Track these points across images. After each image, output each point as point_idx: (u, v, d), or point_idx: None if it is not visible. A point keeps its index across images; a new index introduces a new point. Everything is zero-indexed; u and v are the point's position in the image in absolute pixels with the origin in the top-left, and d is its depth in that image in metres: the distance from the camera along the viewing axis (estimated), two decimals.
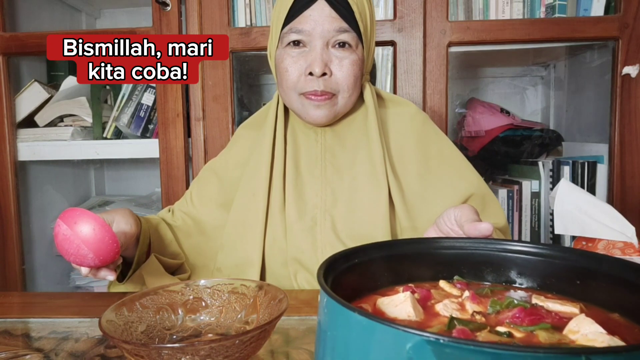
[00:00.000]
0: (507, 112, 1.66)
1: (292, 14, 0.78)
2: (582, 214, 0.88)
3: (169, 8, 1.34)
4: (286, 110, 0.87)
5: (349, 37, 0.77)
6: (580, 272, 0.43)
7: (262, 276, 0.82)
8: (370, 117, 0.83)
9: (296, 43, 0.79)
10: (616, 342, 0.32)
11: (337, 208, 0.81)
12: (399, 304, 0.40)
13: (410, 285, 0.46)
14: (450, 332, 0.35)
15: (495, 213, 0.84)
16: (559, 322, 0.36)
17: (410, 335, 0.27)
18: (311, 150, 0.85)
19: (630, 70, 1.26)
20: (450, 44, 1.30)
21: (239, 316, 0.57)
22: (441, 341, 0.26)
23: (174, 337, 0.55)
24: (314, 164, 0.84)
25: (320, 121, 0.81)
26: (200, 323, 0.57)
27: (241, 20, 1.37)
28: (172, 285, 0.58)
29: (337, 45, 0.78)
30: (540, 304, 0.41)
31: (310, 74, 0.77)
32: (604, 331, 0.33)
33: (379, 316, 0.31)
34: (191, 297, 0.58)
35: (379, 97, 0.88)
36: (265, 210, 0.82)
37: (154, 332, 0.54)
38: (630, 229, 0.86)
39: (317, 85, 0.77)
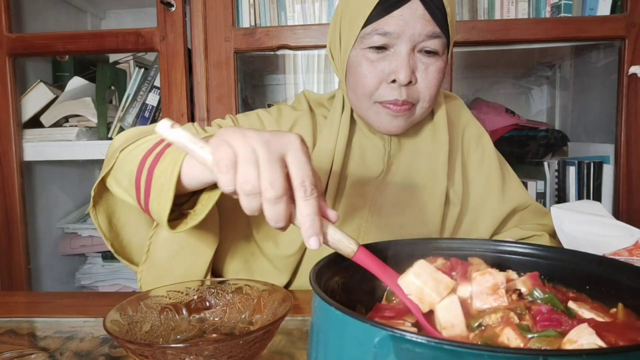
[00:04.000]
0: (512, 112, 1.65)
1: (378, 12, 0.68)
2: (585, 235, 0.88)
3: (173, 9, 1.34)
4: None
5: (439, 43, 0.70)
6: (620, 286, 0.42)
7: (289, 283, 0.80)
8: (441, 132, 0.79)
9: (379, 47, 0.70)
10: None
11: (383, 224, 0.77)
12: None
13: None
14: (418, 329, 0.38)
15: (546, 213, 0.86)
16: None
17: (378, 330, 0.28)
18: (376, 160, 0.79)
19: (637, 69, 1.25)
20: (455, 44, 1.29)
21: (243, 316, 0.57)
22: (406, 337, 0.27)
23: (178, 337, 0.55)
24: (375, 175, 0.79)
25: (395, 132, 0.74)
26: (204, 323, 0.57)
27: (245, 21, 1.38)
28: (176, 285, 0.58)
29: (423, 51, 0.70)
30: (576, 309, 0.40)
31: (393, 81, 0.70)
32: (601, 343, 0.33)
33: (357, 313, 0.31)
34: (195, 297, 0.58)
35: None
36: None
37: (158, 332, 0.54)
38: (636, 231, 0.86)
39: (398, 94, 0.70)
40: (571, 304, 0.41)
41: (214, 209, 0.70)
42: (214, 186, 0.58)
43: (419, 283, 0.40)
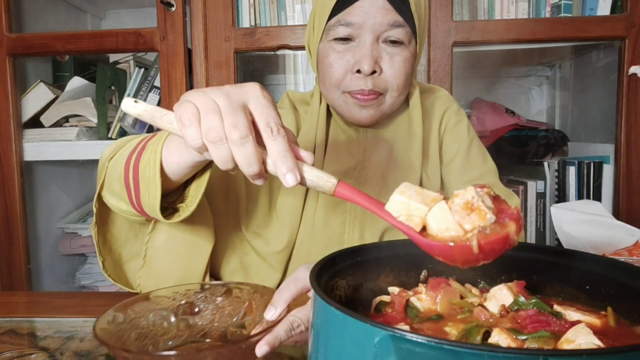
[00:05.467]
0: (512, 112, 1.65)
1: (341, 4, 0.71)
2: (585, 235, 0.87)
3: (173, 9, 1.34)
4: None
5: (402, 32, 0.71)
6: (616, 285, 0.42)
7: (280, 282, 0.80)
8: (415, 122, 0.79)
9: (343, 38, 0.72)
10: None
11: (368, 217, 0.77)
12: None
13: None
14: (416, 329, 0.37)
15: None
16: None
17: (378, 330, 0.28)
18: (352, 152, 0.80)
19: (637, 70, 1.25)
20: (455, 44, 1.30)
21: (235, 319, 0.56)
22: (407, 337, 0.27)
23: (170, 343, 0.54)
24: (352, 167, 0.80)
25: (365, 122, 0.75)
26: (193, 328, 0.56)
27: (245, 21, 1.38)
28: (163, 290, 0.57)
29: (388, 41, 0.72)
30: (562, 311, 0.40)
31: (358, 71, 0.71)
32: (599, 343, 0.32)
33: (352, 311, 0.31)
34: (183, 302, 0.57)
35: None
36: (301, 206, 0.78)
37: (146, 339, 0.53)
38: (636, 231, 0.86)
39: (364, 84, 0.71)
40: (557, 307, 0.41)
41: (207, 210, 0.71)
42: (200, 174, 0.60)
43: (405, 199, 0.40)
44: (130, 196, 0.59)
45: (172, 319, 0.56)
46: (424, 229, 0.39)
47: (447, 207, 0.38)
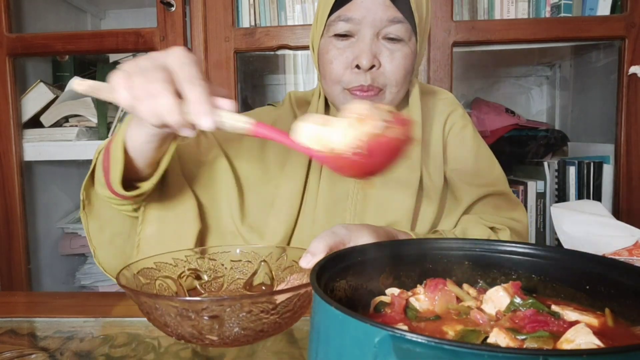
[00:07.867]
0: (512, 112, 1.65)
1: (342, 0, 0.73)
2: (585, 235, 0.87)
3: (173, 9, 1.34)
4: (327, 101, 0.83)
5: (401, 29, 0.72)
6: (614, 284, 0.42)
7: None
8: (413, 118, 0.79)
9: (343, 35, 0.73)
10: None
11: (367, 214, 0.77)
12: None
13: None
14: (415, 328, 0.39)
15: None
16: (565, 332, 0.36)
17: (378, 330, 0.28)
18: None
19: (637, 69, 1.26)
20: (454, 44, 1.30)
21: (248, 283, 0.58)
22: (407, 337, 0.27)
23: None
24: None
25: None
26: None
27: (245, 21, 1.38)
28: (163, 256, 0.58)
29: (387, 38, 0.73)
30: (560, 311, 0.40)
31: (357, 67, 0.72)
32: (598, 342, 0.32)
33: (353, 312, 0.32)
34: (186, 268, 0.58)
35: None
36: (299, 202, 0.78)
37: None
38: (636, 231, 0.86)
39: (363, 79, 0.72)
40: (554, 307, 0.41)
41: (190, 199, 0.74)
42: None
43: (311, 124, 0.46)
44: (107, 178, 0.64)
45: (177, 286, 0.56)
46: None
47: (346, 124, 0.44)
